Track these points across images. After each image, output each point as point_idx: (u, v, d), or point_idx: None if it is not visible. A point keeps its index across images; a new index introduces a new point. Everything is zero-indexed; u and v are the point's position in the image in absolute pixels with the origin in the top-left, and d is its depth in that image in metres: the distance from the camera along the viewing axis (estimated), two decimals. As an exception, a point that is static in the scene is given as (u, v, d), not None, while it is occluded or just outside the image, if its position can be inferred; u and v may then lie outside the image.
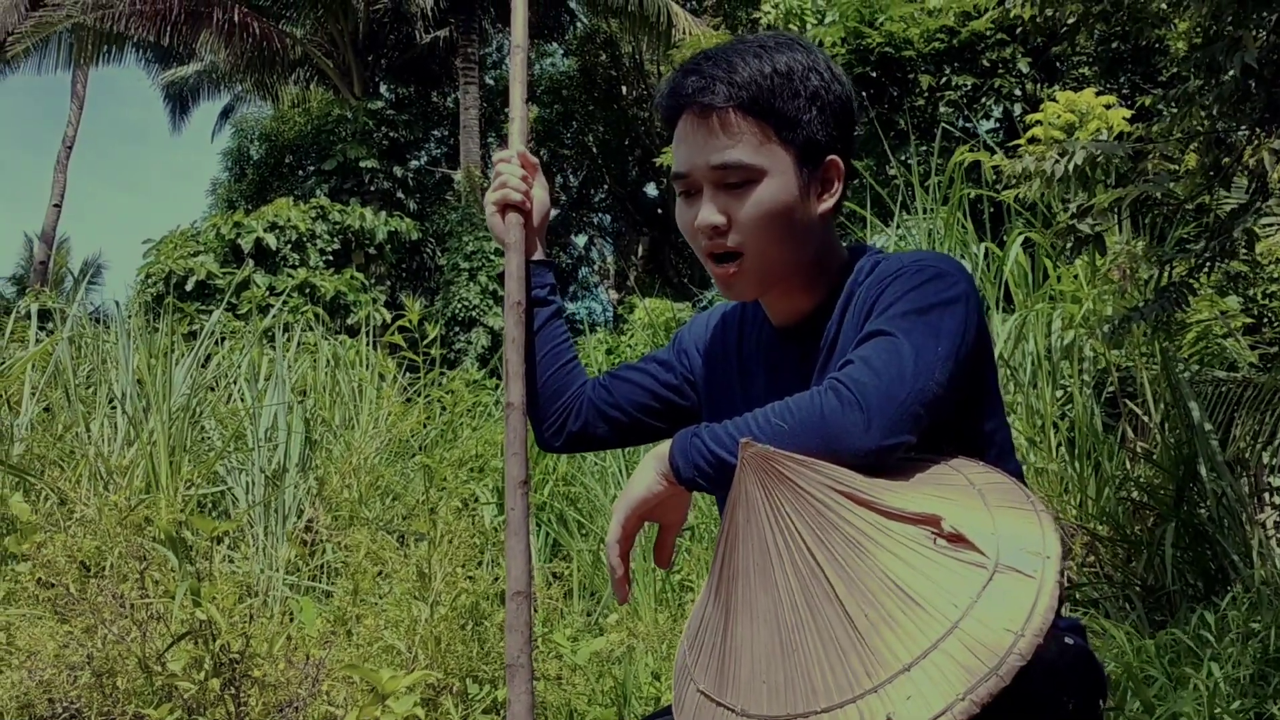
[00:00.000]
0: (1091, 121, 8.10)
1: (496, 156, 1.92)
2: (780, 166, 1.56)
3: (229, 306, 13.68)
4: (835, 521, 1.20)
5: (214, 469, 5.95)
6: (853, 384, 1.35)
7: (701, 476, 1.41)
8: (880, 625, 1.14)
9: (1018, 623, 1.10)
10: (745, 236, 1.57)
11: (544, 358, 1.86)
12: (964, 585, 1.14)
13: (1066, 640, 1.45)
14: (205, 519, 3.07)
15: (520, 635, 1.50)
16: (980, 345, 1.49)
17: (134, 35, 18.25)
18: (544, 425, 1.88)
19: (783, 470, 1.23)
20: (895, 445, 1.33)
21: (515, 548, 1.55)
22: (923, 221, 7.30)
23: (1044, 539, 1.19)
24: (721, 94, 1.55)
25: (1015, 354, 6.21)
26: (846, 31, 12.70)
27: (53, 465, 5.53)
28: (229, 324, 12.19)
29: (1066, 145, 4.24)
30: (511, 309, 1.76)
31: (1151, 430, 5.87)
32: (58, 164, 22.81)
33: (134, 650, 2.79)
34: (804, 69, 1.58)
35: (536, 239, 1.91)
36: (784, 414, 1.37)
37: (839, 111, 1.61)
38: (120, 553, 3.10)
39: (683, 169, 1.61)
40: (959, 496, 1.26)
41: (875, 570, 1.17)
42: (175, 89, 24.02)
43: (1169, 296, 4.90)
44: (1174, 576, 4.99)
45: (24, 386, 6.19)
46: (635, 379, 1.86)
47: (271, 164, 21.04)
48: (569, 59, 24.28)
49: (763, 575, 1.22)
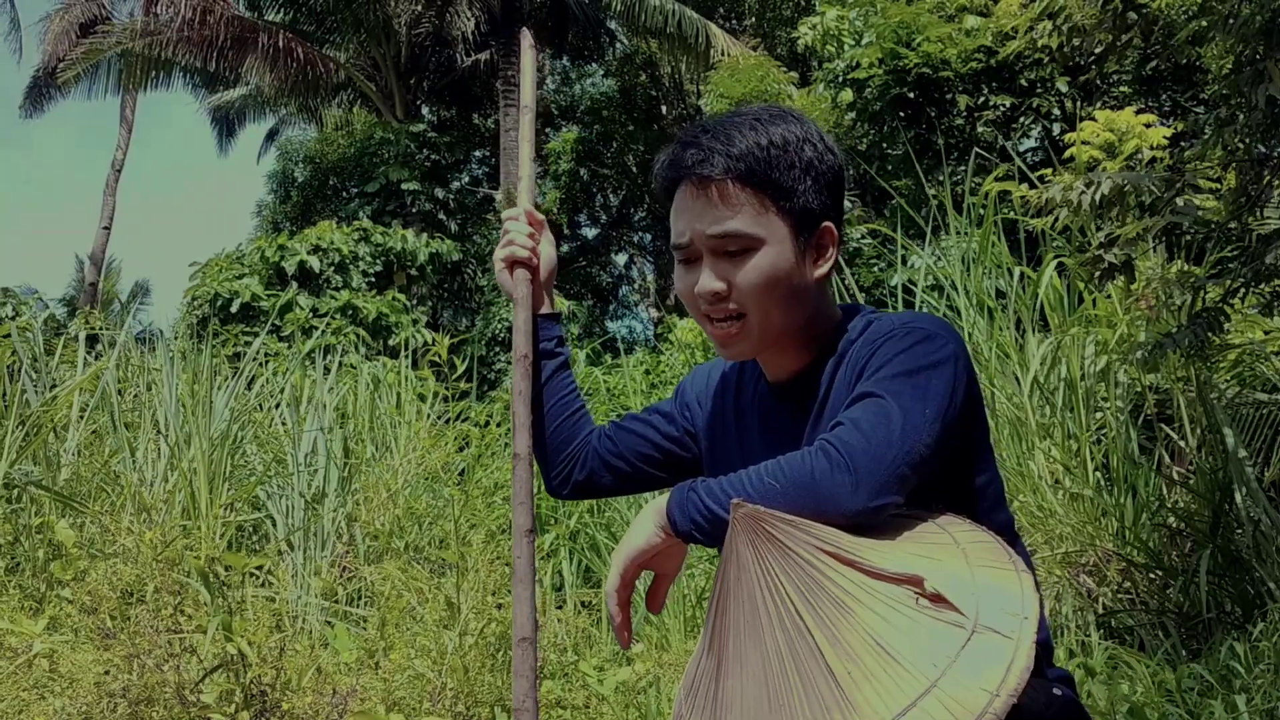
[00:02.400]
0: (1130, 140, 8.05)
1: (505, 214, 1.98)
2: (778, 235, 1.62)
3: (272, 328, 13.88)
4: (821, 581, 1.25)
5: (254, 494, 6.05)
6: (842, 446, 1.40)
7: (698, 530, 1.46)
8: (862, 682, 1.18)
9: (994, 683, 1.14)
10: (745, 301, 1.63)
11: (551, 409, 1.92)
12: (943, 645, 1.19)
13: (1055, 691, 1.49)
14: (237, 555, 3.15)
15: (526, 680, 1.55)
16: (970, 403, 1.53)
17: (181, 60, 18.60)
18: (551, 474, 1.94)
19: (771, 530, 1.28)
20: (882, 506, 1.38)
21: (521, 595, 1.60)
22: (957, 244, 7.31)
23: (1023, 599, 1.22)
24: (720, 166, 1.61)
25: (1050, 378, 6.20)
26: (884, 53, 12.71)
27: (98, 490, 5.65)
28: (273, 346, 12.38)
29: (1092, 176, 4.24)
30: (519, 362, 1.83)
31: (1188, 455, 5.83)
32: (107, 187, 23.23)
33: (170, 679, 2.87)
34: (798, 140, 1.64)
35: (544, 293, 1.97)
36: (776, 473, 1.42)
37: (832, 181, 1.67)
38: (156, 586, 3.19)
39: (683, 238, 1.67)
40: (943, 555, 1.31)
41: (858, 629, 1.21)
42: (221, 112, 24.41)
43: (1202, 322, 4.88)
44: (1209, 604, 4.95)
45: (71, 412, 6.32)
46: (638, 430, 1.92)
47: (315, 186, 21.30)
48: (609, 80, 24.41)
49: (752, 631, 1.27)
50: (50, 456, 5.66)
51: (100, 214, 23.11)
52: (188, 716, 2.88)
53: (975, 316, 6.75)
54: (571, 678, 3.60)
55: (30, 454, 5.34)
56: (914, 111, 13.07)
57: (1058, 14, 4.84)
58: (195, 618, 3.13)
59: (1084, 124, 8.06)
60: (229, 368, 8.18)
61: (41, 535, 4.73)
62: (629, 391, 10.05)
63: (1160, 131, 7.97)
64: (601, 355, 14.41)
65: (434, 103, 22.39)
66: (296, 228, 18.92)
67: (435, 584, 3.79)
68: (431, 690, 3.23)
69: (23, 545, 4.92)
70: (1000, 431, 6.10)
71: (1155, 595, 5.20)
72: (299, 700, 2.94)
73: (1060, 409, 6.01)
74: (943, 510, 1.46)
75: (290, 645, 3.19)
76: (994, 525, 1.56)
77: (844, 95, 13.41)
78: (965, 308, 6.76)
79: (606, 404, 9.57)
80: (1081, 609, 5.20)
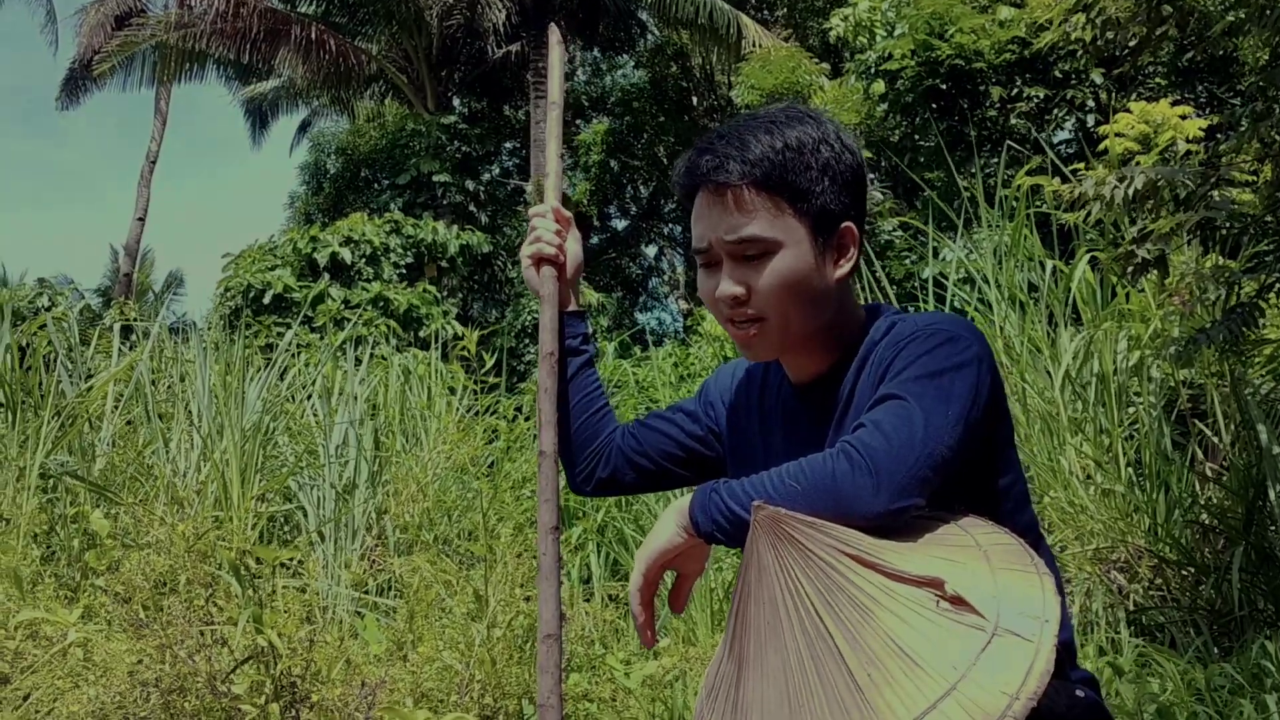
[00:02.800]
0: (1165, 133, 7.97)
1: (531, 211, 1.99)
2: (795, 237, 1.62)
3: (304, 320, 13.98)
4: (841, 583, 1.25)
5: (286, 485, 6.10)
6: (864, 448, 1.40)
7: (720, 531, 1.46)
8: (882, 685, 1.18)
9: (1013, 686, 1.14)
10: (765, 305, 1.63)
11: (576, 405, 1.93)
12: (963, 648, 1.19)
13: (1078, 693, 1.49)
14: (267, 548, 3.19)
15: (551, 676, 1.57)
16: (993, 405, 1.53)
17: (215, 53, 18.74)
18: (575, 470, 1.96)
19: (792, 533, 1.28)
20: (904, 508, 1.38)
21: (547, 592, 1.61)
22: (989, 237, 7.27)
23: (1044, 602, 1.22)
24: (735, 172, 1.61)
25: (1082, 373, 6.16)
26: (916, 44, 12.64)
27: (132, 481, 5.71)
28: (305, 337, 12.46)
29: (1125, 170, 4.21)
30: (545, 359, 1.84)
31: (1222, 451, 5.78)
32: (141, 178, 23.44)
33: (202, 670, 2.90)
34: (815, 142, 1.64)
35: (570, 290, 1.98)
36: (798, 475, 1.42)
37: (850, 180, 1.67)
38: (188, 578, 3.23)
39: (702, 243, 1.68)
40: (964, 558, 1.31)
41: (879, 631, 1.22)
42: (255, 104, 24.57)
43: (1237, 317, 4.83)
44: (1241, 602, 4.91)
45: (106, 403, 6.38)
46: (662, 428, 1.93)
47: (347, 177, 21.41)
48: (640, 71, 24.39)
49: (773, 634, 1.27)
50: (85, 447, 5.72)
51: (135, 205, 23.32)
52: (218, 706, 2.93)
53: (1007, 310, 6.71)
54: (599, 671, 3.62)
55: (65, 444, 5.40)
56: (946, 103, 13.00)
57: (1091, 6, 4.80)
58: (226, 609, 3.17)
59: (1119, 116, 7.98)
60: (261, 359, 8.25)
61: (77, 525, 4.79)
62: (657, 384, 10.04)
63: (1196, 124, 7.88)
64: (630, 347, 14.42)
65: (465, 94, 22.44)
66: (328, 219, 19.03)
67: (464, 576, 3.82)
68: (459, 683, 3.26)
69: (58, 535, 4.99)
70: (1031, 427, 6.07)
71: (1187, 592, 5.16)
72: (328, 692, 2.97)
73: (1092, 404, 5.97)
74: (965, 512, 1.46)
75: (320, 637, 3.23)
76: (1018, 526, 1.56)
77: (876, 86, 13.35)
78: (997, 301, 6.72)
79: (635, 397, 9.57)
80: (1112, 606, 5.17)
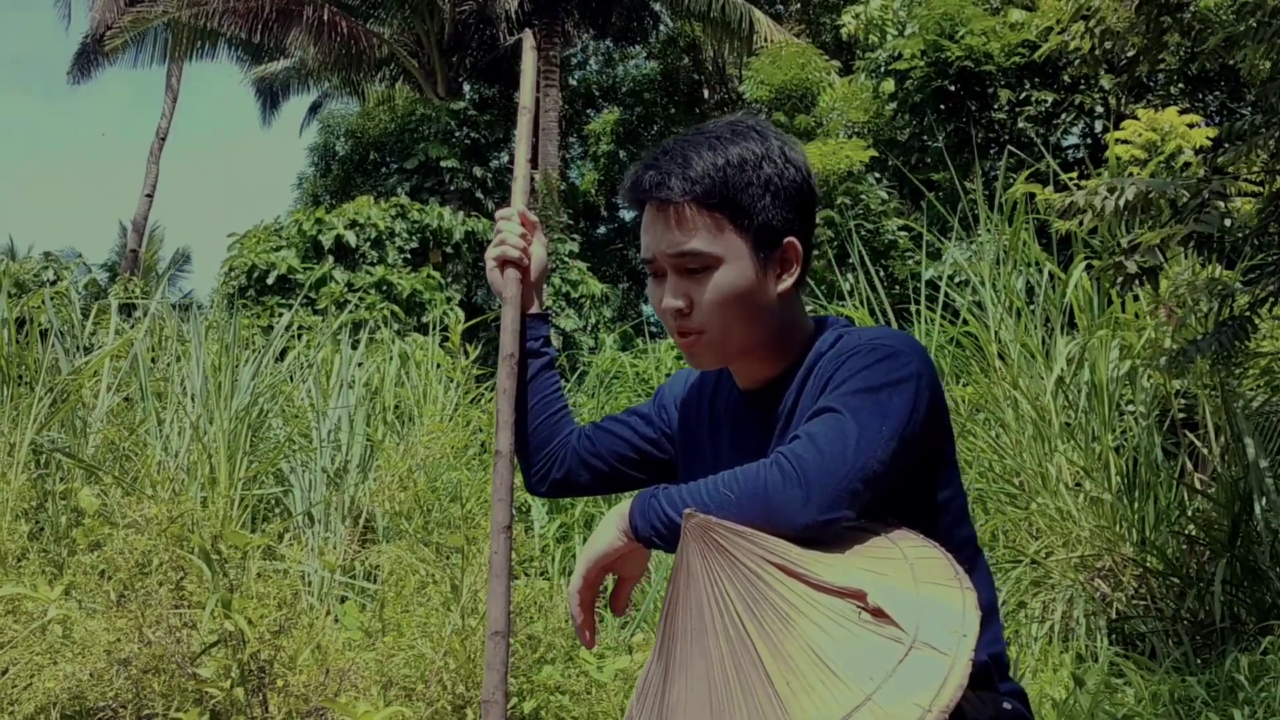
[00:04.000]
0: (1172, 141, 7.96)
1: (498, 215, 2.02)
2: (736, 253, 1.65)
3: (307, 302, 14.01)
4: (766, 592, 1.28)
5: (278, 467, 6.13)
6: (795, 460, 1.43)
7: (657, 536, 1.49)
8: (800, 693, 1.21)
9: (926, 699, 1.17)
10: (706, 318, 1.67)
11: (534, 407, 1.96)
12: (881, 659, 1.21)
13: (1005, 705, 1.52)
14: (239, 533, 3.22)
15: (496, 673, 1.59)
16: (932, 421, 1.55)
17: (227, 31, 18.76)
18: (531, 471, 1.99)
19: (720, 540, 1.31)
20: (832, 520, 1.40)
21: (497, 590, 1.64)
22: (987, 241, 7.27)
23: (964, 616, 1.25)
24: (677, 189, 1.65)
25: (1075, 381, 6.16)
26: (926, 44, 12.65)
27: (124, 459, 5.74)
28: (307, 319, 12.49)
29: (1115, 181, 4.21)
30: (504, 361, 1.86)
31: (1212, 463, 5.79)
32: (151, 155, 23.48)
33: (171, 652, 2.94)
34: (757, 158, 1.66)
35: (533, 293, 2.01)
36: (732, 483, 1.45)
37: (793, 196, 1.69)
38: (159, 560, 3.26)
39: (647, 255, 1.72)
40: (890, 570, 1.33)
41: (799, 640, 1.24)
42: (265, 84, 24.59)
43: (1228, 330, 4.84)
44: (1224, 614, 4.93)
45: (102, 380, 6.40)
46: (617, 431, 1.96)
47: (356, 160, 21.41)
48: (651, 62, 24.38)
49: (698, 639, 1.30)
50: (78, 424, 5.75)
51: (143, 181, 23.36)
52: (186, 688, 2.97)
53: (1002, 314, 6.72)
54: (574, 663, 3.65)
55: (57, 421, 5.43)
56: (955, 105, 13.00)
57: (1091, 15, 4.80)
58: (196, 593, 3.20)
59: (1126, 123, 7.97)
60: (263, 339, 8.27)
61: (66, 502, 4.83)
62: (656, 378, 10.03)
63: (1204, 133, 7.87)
64: (633, 339, 14.43)
65: (476, 81, 22.41)
66: (336, 201, 19.05)
67: (442, 565, 3.85)
68: (432, 670, 3.29)
69: (47, 510, 5.02)
70: (1022, 433, 6.08)
71: (1171, 603, 5.18)
72: (294, 678, 3.01)
73: (1083, 411, 5.97)
74: (898, 525, 1.48)
75: (295, 621, 3.26)
76: (956, 540, 1.58)
77: (885, 85, 13.36)
78: (992, 305, 6.72)
79: (633, 386, 9.55)
80: (1093, 614, 5.19)
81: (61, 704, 3.16)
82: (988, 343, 6.63)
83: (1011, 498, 5.94)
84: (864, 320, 7.39)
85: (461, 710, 3.25)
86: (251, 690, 2.94)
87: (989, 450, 6.23)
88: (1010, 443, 6.13)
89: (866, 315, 7.32)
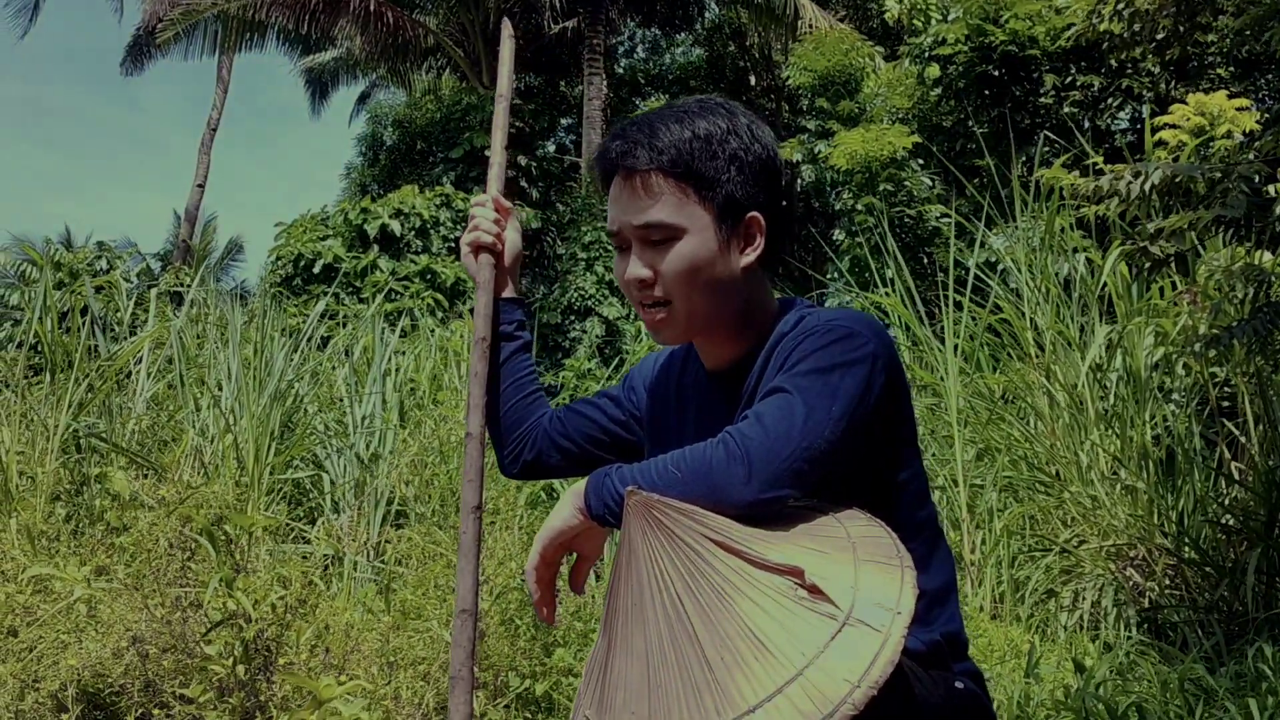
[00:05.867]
0: (1222, 125, 7.83)
1: (473, 200, 2.04)
2: (700, 224, 1.67)
3: (353, 290, 14.16)
4: (704, 569, 1.29)
5: (313, 452, 6.22)
6: (741, 439, 1.44)
7: (609, 514, 1.50)
8: (734, 668, 1.22)
9: (856, 674, 1.17)
10: (669, 289, 1.68)
11: (507, 389, 1.99)
12: (814, 635, 1.22)
13: (957, 685, 1.52)
14: (242, 515, 3.29)
15: (463, 650, 1.62)
16: (887, 403, 1.55)
17: (275, 22, 18.92)
18: (503, 453, 2.01)
19: (661, 518, 1.33)
20: (773, 499, 1.41)
21: (465, 569, 1.66)
22: (1025, 228, 7.21)
23: (900, 595, 1.25)
24: (643, 158, 1.67)
25: (1111, 368, 6.10)
26: (969, 29, 12.50)
27: (162, 444, 5.86)
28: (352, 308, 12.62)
29: (1139, 166, 4.16)
30: (477, 344, 1.89)
31: (1250, 452, 5.71)
32: (202, 146, 23.79)
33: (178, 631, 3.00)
34: (724, 133, 1.68)
35: (508, 278, 2.03)
36: (679, 462, 1.46)
37: (759, 171, 1.70)
38: (170, 541, 3.34)
39: (613, 227, 1.73)
40: (831, 549, 1.34)
41: (735, 616, 1.25)
42: (315, 74, 24.78)
43: (1264, 315, 4.76)
44: (1257, 604, 4.86)
45: (142, 367, 6.53)
46: (587, 413, 1.98)
47: (403, 150, 21.56)
48: (697, 49, 24.31)
49: (639, 615, 1.32)
50: (116, 409, 5.86)
51: (195, 172, 23.68)
52: (192, 666, 3.03)
53: (1039, 301, 6.66)
54: (587, 646, 3.67)
55: (94, 406, 5.55)
56: (999, 90, 12.85)
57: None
58: (201, 574, 3.27)
59: (1174, 107, 7.85)
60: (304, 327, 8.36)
61: (100, 485, 4.93)
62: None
63: (1253, 116, 7.73)
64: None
65: (521, 70, 22.46)
66: (383, 191, 19.20)
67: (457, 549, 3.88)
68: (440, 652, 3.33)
69: (84, 495, 5.13)
70: (1056, 421, 6.03)
71: (1206, 593, 5.11)
72: (295, 656, 3.06)
73: (1120, 399, 5.91)
74: (848, 504, 1.48)
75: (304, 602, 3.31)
76: (915, 521, 1.59)
77: (931, 71, 13.22)
78: (1029, 292, 6.67)
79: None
80: (1124, 604, 5.14)
81: (85, 680, 3.24)
82: (1023, 330, 6.58)
83: (1045, 486, 5.90)
84: (897, 308, 7.36)
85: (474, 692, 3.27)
86: (257, 669, 3.00)
87: (1022, 439, 6.19)
88: (1045, 430, 6.08)
89: (898, 303, 7.29)
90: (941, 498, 6.04)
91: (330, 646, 3.17)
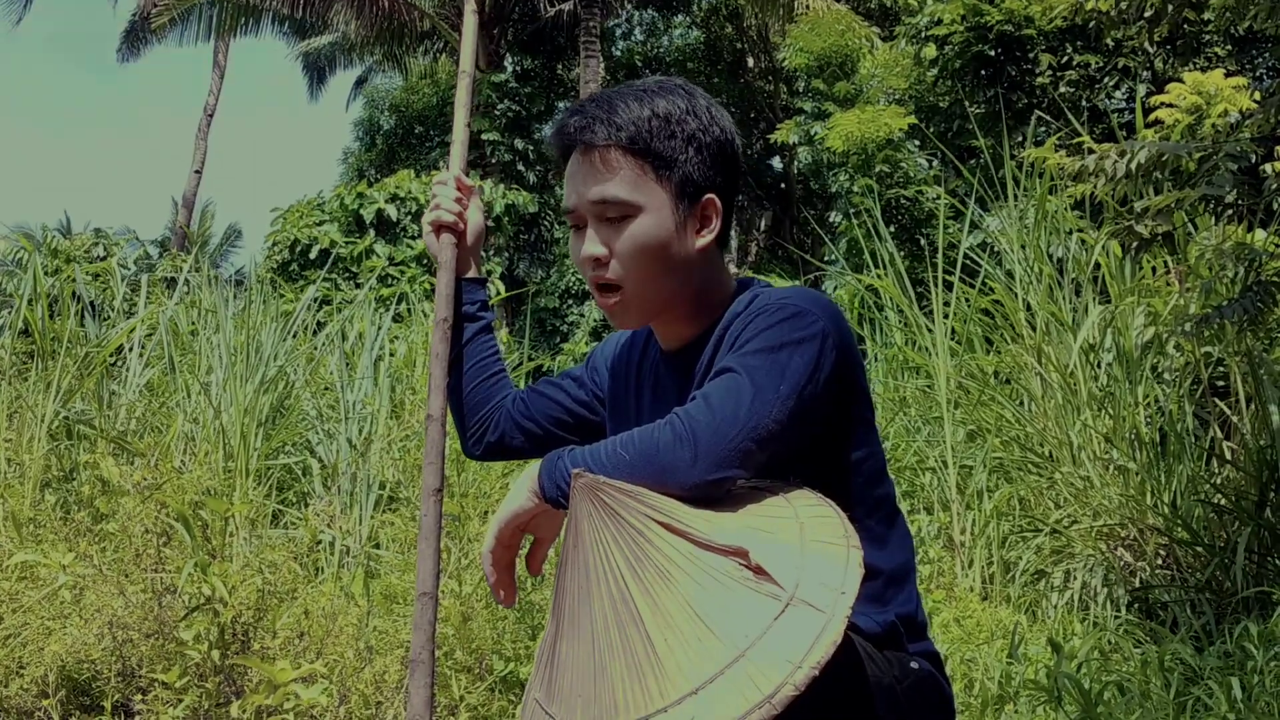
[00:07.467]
0: (1218, 104, 7.80)
1: (434, 180, 2.03)
2: (656, 203, 1.66)
3: (350, 275, 14.15)
4: (649, 550, 1.29)
5: (305, 437, 6.22)
6: (687, 420, 1.44)
7: (562, 496, 1.50)
8: (677, 649, 1.22)
9: (798, 655, 1.17)
10: (624, 268, 1.68)
11: (470, 370, 1.98)
12: (758, 616, 1.22)
13: (912, 665, 1.52)
14: (217, 500, 3.29)
15: (424, 633, 1.62)
16: (839, 382, 1.54)
17: (270, 6, 18.87)
18: (466, 434, 2.01)
19: (607, 500, 1.33)
20: (720, 480, 1.41)
21: (425, 551, 1.66)
22: (1016, 208, 7.18)
23: (846, 575, 1.25)
24: (601, 134, 1.66)
25: (1102, 347, 6.09)
26: (965, 8, 12.44)
27: (153, 430, 5.86)
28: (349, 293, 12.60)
29: (1125, 145, 4.14)
30: (438, 325, 1.88)
31: (1241, 431, 5.70)
32: (199, 131, 23.75)
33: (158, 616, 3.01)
34: (682, 113, 1.68)
35: (470, 258, 2.02)
36: (628, 444, 1.46)
37: (717, 153, 1.70)
38: (145, 527, 3.34)
39: (569, 204, 1.73)
40: (778, 529, 1.33)
41: (679, 597, 1.25)
42: (311, 59, 24.73)
43: (1254, 294, 4.76)
44: (1245, 582, 4.87)
45: (132, 352, 6.52)
46: (550, 394, 1.97)
47: (400, 134, 21.54)
48: (695, 31, 24.24)
49: (585, 597, 1.32)
50: (104, 395, 5.86)
51: (192, 158, 23.64)
52: (167, 651, 3.05)
53: (1031, 281, 6.65)
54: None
55: (83, 392, 5.54)
56: (995, 70, 12.80)
57: (1107, -27, 4.70)
58: (175, 559, 3.28)
59: (1170, 86, 7.81)
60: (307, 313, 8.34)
61: (89, 471, 4.93)
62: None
63: (1249, 95, 7.69)
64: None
65: (517, 53, 22.40)
66: (381, 175, 19.17)
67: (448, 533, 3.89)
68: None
69: (74, 481, 5.13)
70: (1048, 401, 6.02)
71: (1196, 573, 5.12)
72: (271, 641, 3.07)
73: (1112, 380, 5.90)
74: (798, 484, 1.48)
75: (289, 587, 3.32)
76: (871, 500, 1.59)
77: (927, 51, 13.17)
78: (1021, 271, 6.65)
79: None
80: (1114, 584, 5.14)
81: (69, 666, 3.25)
82: (1014, 310, 6.56)
83: (1036, 467, 5.89)
84: (889, 290, 7.35)
85: (457, 675, 3.29)
86: (234, 654, 3.01)
87: (1013, 420, 6.19)
88: (1037, 411, 6.07)
89: (890, 285, 7.28)
90: (932, 479, 6.04)
91: (308, 631, 3.18)
